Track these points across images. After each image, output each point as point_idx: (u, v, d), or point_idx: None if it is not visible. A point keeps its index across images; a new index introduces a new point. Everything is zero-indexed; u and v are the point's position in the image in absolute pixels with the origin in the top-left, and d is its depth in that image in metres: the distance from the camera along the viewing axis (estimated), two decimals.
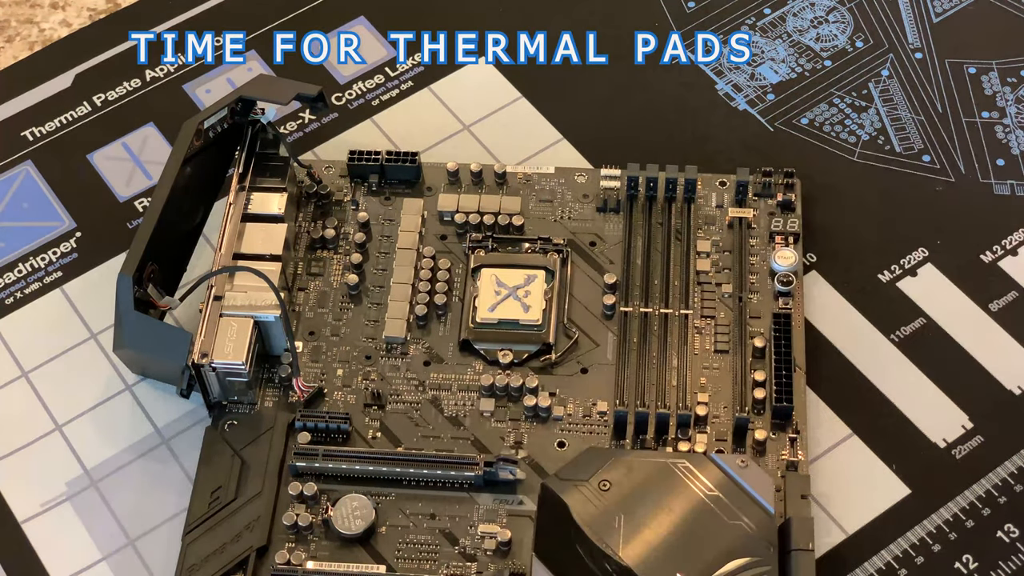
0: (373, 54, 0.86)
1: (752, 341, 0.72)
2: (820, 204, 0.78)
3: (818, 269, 0.76)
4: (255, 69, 0.85)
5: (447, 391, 0.72)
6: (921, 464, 0.70)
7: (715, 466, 0.67)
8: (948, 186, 0.78)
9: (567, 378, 0.72)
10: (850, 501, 0.69)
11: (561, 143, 0.81)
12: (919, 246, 0.76)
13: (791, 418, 0.70)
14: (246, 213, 0.74)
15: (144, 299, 0.70)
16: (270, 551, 0.67)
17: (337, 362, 0.73)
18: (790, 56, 0.84)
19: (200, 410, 0.72)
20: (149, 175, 0.81)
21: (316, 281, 0.76)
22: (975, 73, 0.83)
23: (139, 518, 0.70)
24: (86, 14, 0.90)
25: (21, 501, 0.71)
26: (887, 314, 0.74)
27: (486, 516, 0.68)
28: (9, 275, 0.78)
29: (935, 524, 0.68)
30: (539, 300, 0.73)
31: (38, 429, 0.73)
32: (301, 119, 0.83)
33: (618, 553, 0.64)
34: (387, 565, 0.67)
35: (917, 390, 0.72)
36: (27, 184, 0.82)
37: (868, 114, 0.81)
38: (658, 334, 0.72)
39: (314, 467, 0.69)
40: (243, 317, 0.71)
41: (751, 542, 0.64)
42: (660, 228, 0.76)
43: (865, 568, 0.67)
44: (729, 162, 0.78)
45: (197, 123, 0.74)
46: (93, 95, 0.85)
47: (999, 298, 0.74)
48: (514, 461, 0.68)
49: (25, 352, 0.75)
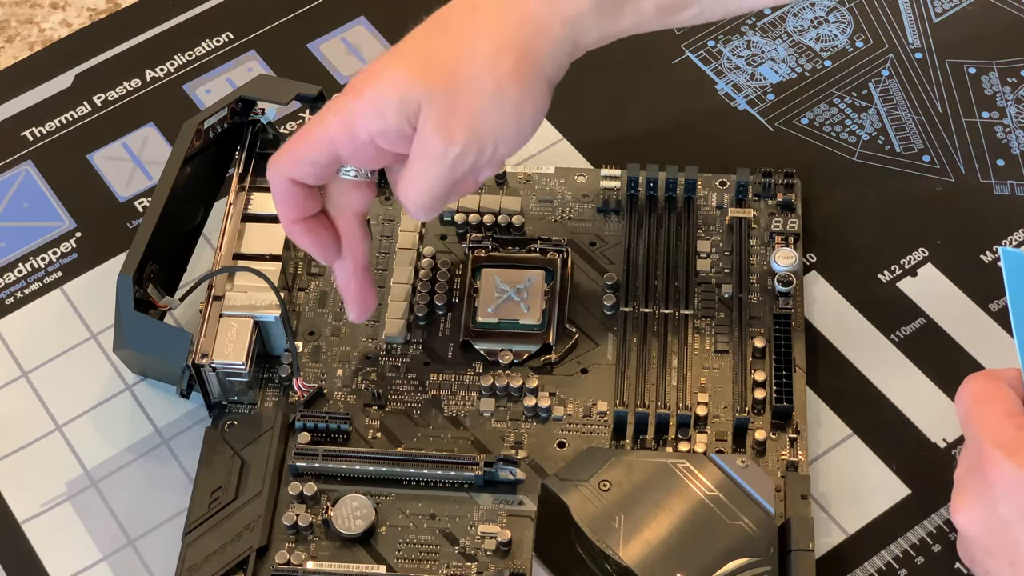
0: (373, 54, 0.86)
1: (752, 341, 0.72)
2: (820, 204, 0.78)
3: (818, 269, 0.76)
4: (255, 69, 0.85)
5: (447, 391, 0.72)
6: (921, 464, 0.70)
7: (715, 466, 0.67)
8: (948, 186, 0.78)
9: (567, 378, 0.72)
10: (850, 501, 0.69)
11: (561, 143, 0.81)
12: (919, 246, 0.76)
13: (791, 418, 0.70)
14: (246, 213, 0.75)
15: (144, 299, 0.70)
16: (270, 551, 0.67)
17: (337, 362, 0.73)
18: (790, 56, 0.84)
19: (200, 410, 0.72)
20: (149, 175, 0.81)
21: (316, 281, 0.76)
22: (975, 73, 0.83)
23: (139, 518, 0.70)
24: (86, 14, 0.90)
25: (21, 501, 0.71)
26: (887, 314, 0.74)
27: (486, 516, 0.68)
28: (9, 275, 0.78)
29: (935, 524, 0.68)
30: (539, 300, 0.73)
31: (38, 429, 0.73)
32: (301, 119, 0.83)
33: (618, 553, 0.64)
34: (387, 565, 0.67)
35: (917, 390, 0.72)
36: (27, 184, 0.82)
37: (868, 114, 0.81)
38: (658, 334, 0.72)
39: (314, 467, 0.69)
40: (243, 317, 0.71)
41: (751, 542, 0.64)
42: (660, 228, 0.76)
43: (865, 568, 0.67)
44: (729, 162, 0.78)
45: (197, 123, 0.74)
46: (93, 95, 0.85)
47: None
48: (514, 461, 0.68)
49: (25, 352, 0.75)
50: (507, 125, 0.63)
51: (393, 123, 0.63)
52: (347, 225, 0.68)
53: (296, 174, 0.66)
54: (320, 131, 0.64)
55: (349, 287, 0.69)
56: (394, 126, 0.63)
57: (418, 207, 0.65)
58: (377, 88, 0.63)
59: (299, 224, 0.67)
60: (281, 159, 0.66)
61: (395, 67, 0.64)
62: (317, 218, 0.67)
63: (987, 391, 0.59)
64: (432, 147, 0.63)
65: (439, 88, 0.62)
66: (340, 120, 0.64)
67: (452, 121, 0.62)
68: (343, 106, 0.64)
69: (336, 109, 0.64)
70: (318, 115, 0.65)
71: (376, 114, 0.63)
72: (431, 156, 0.63)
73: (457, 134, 0.62)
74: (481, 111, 0.63)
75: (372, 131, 0.63)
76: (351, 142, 0.64)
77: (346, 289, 0.69)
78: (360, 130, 0.63)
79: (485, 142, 0.63)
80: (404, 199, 0.65)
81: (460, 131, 0.62)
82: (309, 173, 0.66)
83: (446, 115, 0.62)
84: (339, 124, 0.64)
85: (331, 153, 0.65)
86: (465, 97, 0.62)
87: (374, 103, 0.63)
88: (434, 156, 0.63)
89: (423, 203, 0.65)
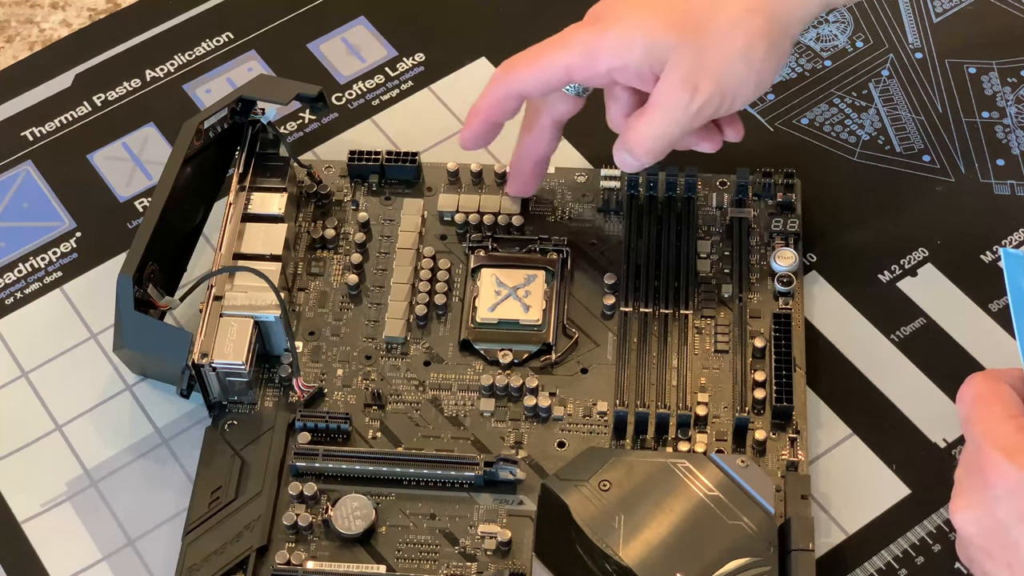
0: (373, 54, 0.86)
1: (752, 341, 0.72)
2: (820, 204, 0.78)
3: (818, 269, 0.76)
4: (255, 69, 0.85)
5: (447, 391, 0.72)
6: (921, 464, 0.70)
7: (715, 466, 0.67)
8: (948, 186, 0.78)
9: (567, 378, 0.72)
10: (850, 501, 0.69)
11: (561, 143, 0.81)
12: (919, 246, 0.76)
13: (791, 418, 0.70)
14: (246, 213, 0.75)
15: (144, 299, 0.70)
16: (270, 551, 0.67)
17: (337, 362, 0.73)
18: (790, 56, 0.84)
19: (200, 410, 0.72)
20: (149, 175, 0.81)
21: (316, 281, 0.76)
22: (975, 73, 0.83)
23: (139, 518, 0.70)
24: (86, 14, 0.90)
25: (21, 501, 0.71)
26: (887, 314, 0.74)
27: (486, 516, 0.68)
28: (9, 275, 0.78)
29: (935, 524, 0.68)
30: (539, 300, 0.73)
31: (38, 429, 0.73)
32: (301, 119, 0.83)
33: (618, 553, 0.64)
34: (387, 565, 0.67)
35: (917, 390, 0.72)
36: (27, 184, 0.82)
37: (868, 114, 0.81)
38: (658, 334, 0.72)
39: (314, 467, 0.69)
40: (243, 317, 0.71)
41: (751, 542, 0.64)
42: (660, 228, 0.76)
43: (865, 568, 0.67)
44: (729, 162, 0.78)
45: (197, 123, 0.74)
46: (93, 95, 0.85)
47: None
48: (514, 461, 0.68)
49: (25, 352, 0.76)
50: (748, 82, 0.66)
51: (636, 63, 0.65)
52: (544, 126, 0.72)
53: (525, 90, 0.69)
54: (562, 56, 0.67)
55: (521, 171, 0.73)
56: (636, 66, 0.66)
57: (648, 151, 0.68)
58: (626, 27, 0.66)
59: (488, 124, 0.71)
60: (515, 72, 0.69)
61: (646, 9, 0.66)
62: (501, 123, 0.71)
63: (988, 392, 0.59)
64: (677, 98, 0.65)
65: (690, 40, 0.65)
66: (583, 49, 0.67)
67: (699, 74, 0.65)
68: (588, 36, 0.67)
69: (580, 39, 0.67)
70: (558, 39, 0.68)
71: (622, 52, 0.66)
72: (674, 106, 0.66)
73: (703, 87, 0.65)
74: (727, 67, 0.65)
75: (613, 66, 0.66)
76: (588, 71, 0.67)
77: (517, 171, 0.74)
78: (601, 63, 0.66)
79: (726, 96, 0.66)
80: (634, 142, 0.68)
81: (706, 84, 0.65)
82: (537, 91, 0.69)
83: (694, 68, 0.65)
84: (581, 52, 0.67)
85: (566, 77, 0.68)
86: (713, 52, 0.65)
87: (622, 41, 0.66)
88: (678, 106, 0.66)
89: (655, 148, 0.68)
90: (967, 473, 0.59)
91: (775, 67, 0.67)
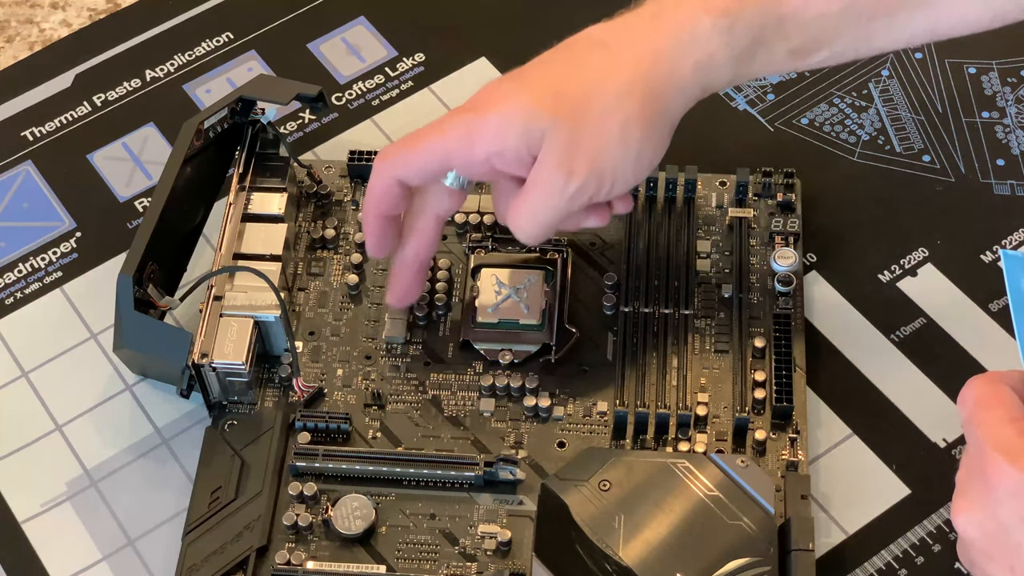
0: (373, 54, 0.86)
1: (752, 341, 0.72)
2: (820, 204, 0.78)
3: (818, 269, 0.76)
4: (255, 69, 0.85)
5: (447, 391, 0.72)
6: (921, 464, 0.70)
7: (715, 466, 0.67)
8: (948, 186, 0.78)
9: (567, 378, 0.72)
10: (850, 501, 0.69)
11: None
12: (919, 246, 0.76)
13: (791, 418, 0.70)
14: (246, 213, 0.75)
15: (144, 299, 0.70)
16: (270, 551, 0.67)
17: (337, 362, 0.73)
18: None
19: (200, 410, 0.72)
20: (149, 175, 0.81)
21: (316, 281, 0.76)
22: (975, 73, 0.83)
23: (139, 518, 0.70)
24: (86, 14, 0.90)
25: (21, 501, 0.71)
26: (887, 314, 0.74)
27: (486, 516, 0.68)
28: (9, 275, 0.78)
29: (935, 524, 0.68)
30: (539, 300, 0.73)
31: (38, 429, 0.73)
32: (301, 119, 0.83)
33: (618, 553, 0.64)
34: (387, 565, 0.67)
35: (917, 390, 0.72)
36: (27, 184, 0.82)
37: (868, 114, 0.81)
38: (658, 334, 0.72)
39: (314, 467, 0.69)
40: (243, 317, 0.71)
41: (751, 542, 0.64)
42: (660, 228, 0.76)
43: (865, 568, 0.67)
44: (729, 162, 0.78)
45: (197, 123, 0.74)
46: (93, 95, 0.85)
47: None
48: (514, 461, 0.68)
49: (25, 352, 0.76)
50: (627, 165, 0.65)
51: (513, 147, 0.64)
52: (426, 225, 0.69)
53: (404, 175, 0.67)
54: (438, 141, 0.66)
55: (402, 277, 0.71)
56: (514, 150, 0.64)
57: (528, 235, 0.67)
58: (503, 111, 0.65)
59: (380, 219, 0.69)
60: (393, 158, 0.67)
61: (523, 94, 0.65)
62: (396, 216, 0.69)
63: (989, 394, 0.59)
64: (552, 180, 0.64)
65: (565, 122, 0.64)
66: (460, 134, 0.65)
67: (575, 156, 0.64)
68: (465, 121, 0.65)
69: (457, 123, 0.66)
70: (436, 124, 0.66)
71: (498, 136, 0.64)
72: (550, 188, 0.65)
73: (579, 169, 0.64)
74: (604, 149, 0.64)
75: (490, 151, 0.65)
76: (466, 157, 0.66)
77: (399, 277, 0.71)
78: (479, 148, 0.65)
79: (604, 179, 0.65)
80: (514, 225, 0.67)
81: (582, 167, 0.64)
82: (416, 176, 0.67)
83: (570, 150, 0.64)
84: (458, 138, 0.65)
85: (444, 163, 0.66)
86: (590, 134, 0.64)
87: (498, 125, 0.65)
88: (553, 189, 0.65)
89: (534, 232, 0.67)
90: (969, 476, 0.59)
91: (654, 151, 0.66)
